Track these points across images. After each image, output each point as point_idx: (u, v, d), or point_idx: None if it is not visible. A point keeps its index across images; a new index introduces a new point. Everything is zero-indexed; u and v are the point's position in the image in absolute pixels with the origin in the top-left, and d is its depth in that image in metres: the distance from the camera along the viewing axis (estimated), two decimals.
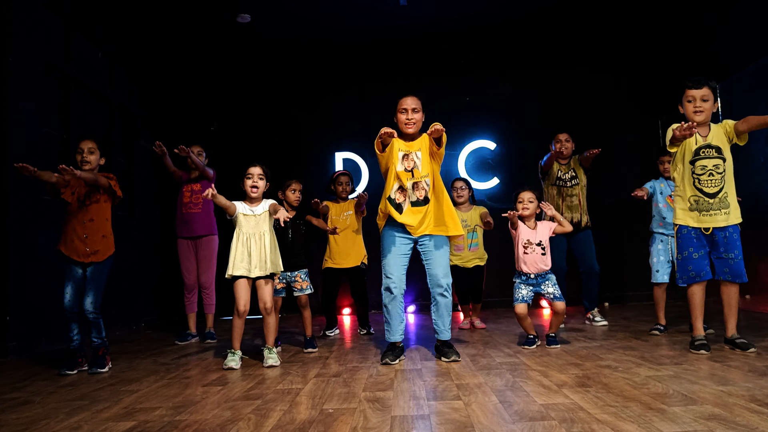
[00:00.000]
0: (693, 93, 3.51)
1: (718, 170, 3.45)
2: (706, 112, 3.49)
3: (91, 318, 3.60)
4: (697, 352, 3.38)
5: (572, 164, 5.06)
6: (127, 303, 6.00)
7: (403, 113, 3.59)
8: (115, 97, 6.10)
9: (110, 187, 3.72)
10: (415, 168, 3.54)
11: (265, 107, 7.59)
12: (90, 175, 3.58)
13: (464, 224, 5.02)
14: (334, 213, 5.05)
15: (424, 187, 3.53)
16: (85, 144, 3.74)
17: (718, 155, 3.47)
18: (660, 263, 4.38)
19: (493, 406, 2.35)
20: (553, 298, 3.85)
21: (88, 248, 3.64)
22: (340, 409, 2.41)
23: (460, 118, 7.36)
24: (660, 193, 4.50)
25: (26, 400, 2.87)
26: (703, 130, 3.53)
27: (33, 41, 4.77)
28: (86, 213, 3.68)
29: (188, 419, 2.36)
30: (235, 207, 3.64)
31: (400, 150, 3.57)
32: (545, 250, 3.88)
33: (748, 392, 2.39)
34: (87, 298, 3.60)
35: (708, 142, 3.49)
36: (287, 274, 4.19)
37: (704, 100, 3.48)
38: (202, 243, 4.96)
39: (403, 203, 3.54)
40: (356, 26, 6.92)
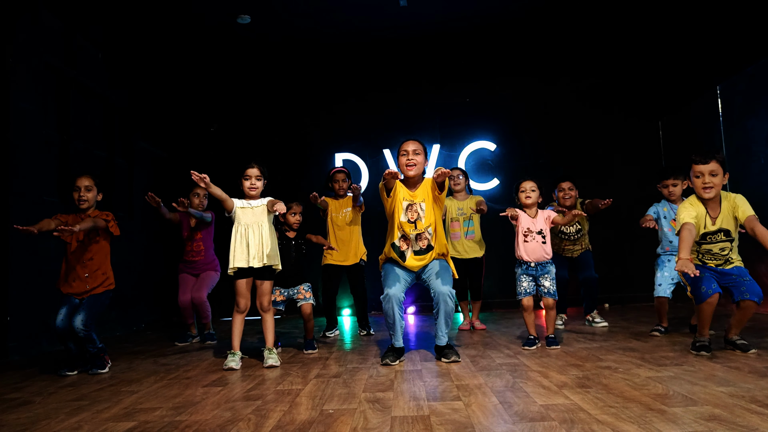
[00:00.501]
0: (701, 168, 3.39)
1: (723, 253, 3.46)
2: (716, 187, 3.37)
3: (81, 335, 3.52)
4: (697, 353, 3.38)
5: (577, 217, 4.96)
6: (127, 304, 6.00)
7: (404, 156, 3.61)
8: (115, 99, 6.11)
9: (107, 228, 3.70)
10: (419, 220, 3.57)
11: (265, 108, 7.60)
12: (88, 223, 3.54)
13: (460, 212, 5.04)
14: (333, 209, 5.06)
15: (427, 237, 3.58)
16: (81, 182, 3.71)
17: (726, 238, 3.44)
18: (663, 278, 4.32)
19: (493, 407, 2.35)
20: (546, 293, 3.88)
21: (88, 286, 3.66)
22: (341, 410, 2.41)
23: (461, 119, 7.37)
24: (664, 217, 4.41)
25: (27, 401, 2.87)
26: (714, 209, 3.44)
27: (33, 43, 4.78)
28: (86, 253, 3.68)
29: (188, 420, 2.36)
30: (232, 202, 3.65)
31: (404, 199, 3.60)
32: (545, 239, 3.91)
33: (748, 393, 2.39)
34: (77, 316, 3.53)
35: (718, 227, 3.43)
36: (289, 291, 4.20)
37: (713, 175, 3.36)
38: (203, 273, 5.00)
39: (406, 251, 3.58)
40: (356, 27, 6.92)
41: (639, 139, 7.18)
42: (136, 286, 6.22)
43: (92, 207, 3.75)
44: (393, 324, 3.52)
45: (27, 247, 4.51)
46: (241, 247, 3.61)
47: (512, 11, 6.70)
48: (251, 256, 3.59)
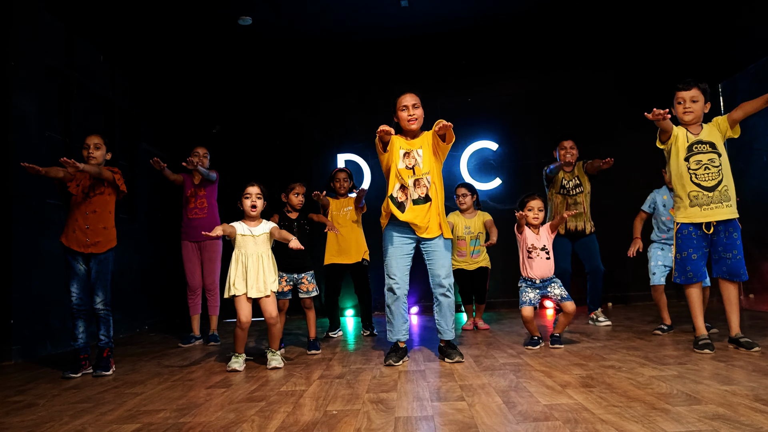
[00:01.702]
0: (683, 95, 3.59)
1: (713, 164, 3.46)
2: (696, 112, 3.55)
3: (102, 315, 3.65)
4: (701, 351, 3.38)
5: (576, 171, 4.99)
6: (130, 306, 6.01)
7: (404, 110, 3.59)
8: (117, 100, 6.12)
9: (114, 180, 3.74)
10: (416, 165, 3.53)
11: (267, 109, 7.60)
12: (94, 168, 3.61)
13: (467, 231, 5.02)
14: (334, 208, 5.07)
15: (426, 184, 3.52)
16: (90, 139, 3.79)
17: (712, 150, 3.49)
18: (657, 267, 4.42)
19: (497, 407, 2.34)
20: (562, 299, 3.83)
21: (88, 239, 3.66)
22: (344, 411, 2.41)
23: (462, 119, 7.34)
24: (663, 205, 4.46)
25: (30, 403, 2.88)
26: (695, 128, 3.58)
27: (35, 45, 4.79)
28: (89, 204, 3.71)
29: (192, 421, 2.37)
30: (235, 230, 3.61)
31: (401, 148, 3.57)
32: (549, 255, 3.89)
33: (752, 392, 2.38)
34: (96, 297, 3.64)
35: (700, 138, 3.52)
36: (294, 276, 4.20)
37: (694, 101, 3.55)
38: (207, 245, 4.98)
39: (405, 201, 3.52)
40: (358, 27, 6.92)
41: (641, 139, 7.15)
42: (139, 288, 6.23)
43: (101, 164, 3.78)
44: (394, 318, 3.52)
45: (30, 249, 4.52)
46: (240, 276, 3.57)
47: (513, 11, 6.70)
48: (249, 285, 3.56)
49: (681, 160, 3.53)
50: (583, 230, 4.95)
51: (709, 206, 3.44)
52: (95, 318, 3.69)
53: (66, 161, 3.36)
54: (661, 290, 4.38)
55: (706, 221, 3.45)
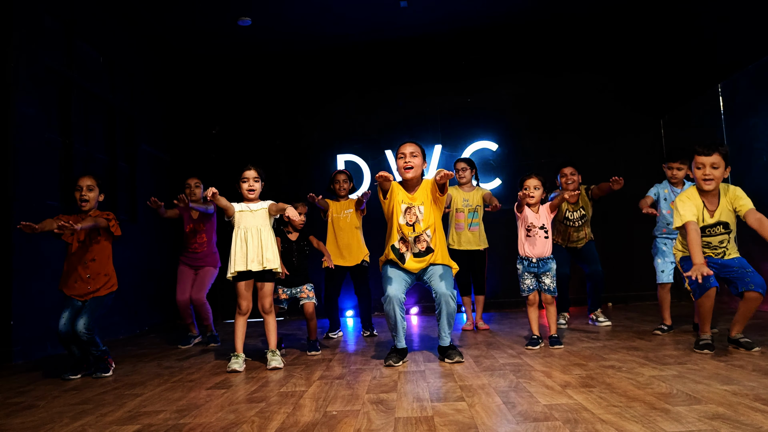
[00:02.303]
0: (703, 160, 3.41)
1: (722, 245, 3.47)
2: (716, 180, 3.40)
3: (84, 339, 3.53)
4: (701, 351, 3.38)
5: (581, 202, 4.91)
6: (129, 307, 6.01)
7: (401, 158, 3.61)
8: (116, 102, 6.12)
9: (109, 227, 3.70)
10: (417, 222, 3.57)
11: (267, 110, 7.61)
12: (89, 222, 3.55)
13: (466, 203, 5.03)
14: (334, 211, 5.05)
15: (426, 239, 3.57)
16: (83, 181, 3.72)
17: (724, 231, 3.45)
18: (665, 264, 4.40)
19: (497, 407, 2.34)
20: (546, 290, 3.90)
21: (90, 287, 3.65)
22: (344, 412, 2.41)
23: (462, 120, 7.37)
24: (664, 199, 4.45)
25: (31, 405, 2.88)
26: (712, 202, 3.46)
27: (35, 47, 4.79)
28: (88, 253, 3.67)
29: (192, 422, 2.37)
30: (233, 208, 3.66)
31: (402, 202, 3.60)
32: (548, 234, 3.93)
33: (752, 391, 2.38)
34: (80, 320, 3.54)
35: (717, 220, 3.44)
36: (292, 290, 4.21)
37: (714, 168, 3.38)
38: (201, 270, 4.98)
39: (405, 253, 3.58)
40: (357, 28, 6.93)
41: (641, 138, 7.16)
42: (138, 289, 6.23)
43: (94, 207, 3.75)
44: (395, 325, 3.52)
45: (30, 251, 4.52)
46: (241, 251, 3.61)
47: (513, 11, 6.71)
48: (249, 259, 3.59)
49: None
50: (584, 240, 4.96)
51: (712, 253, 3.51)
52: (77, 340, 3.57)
53: (64, 226, 3.31)
54: (668, 289, 4.38)
55: None
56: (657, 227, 4.54)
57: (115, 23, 6.15)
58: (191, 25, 6.60)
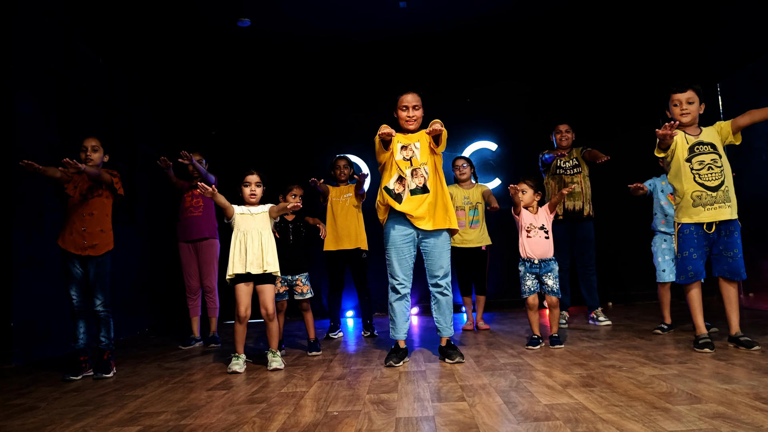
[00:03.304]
0: (678, 96, 3.57)
1: (716, 164, 3.46)
2: (693, 113, 3.54)
3: (102, 316, 3.64)
4: (701, 350, 3.38)
5: (575, 153, 5.05)
6: (130, 308, 6.01)
7: (404, 110, 3.62)
8: (116, 103, 6.12)
9: (112, 183, 3.73)
10: (414, 157, 3.56)
11: (266, 111, 7.61)
12: (94, 170, 3.60)
13: (466, 201, 5.04)
14: (334, 195, 5.09)
15: (423, 174, 3.54)
16: (88, 142, 3.77)
17: (713, 150, 3.48)
18: (666, 262, 4.38)
19: (498, 407, 2.35)
20: (549, 291, 3.89)
21: (86, 241, 3.65)
22: (345, 412, 2.41)
23: (462, 120, 7.36)
24: (661, 191, 4.50)
25: (31, 406, 2.88)
26: (693, 130, 3.57)
27: (34, 48, 4.79)
28: (87, 207, 3.70)
29: (193, 423, 2.37)
30: (233, 209, 3.66)
31: (399, 142, 3.62)
32: (548, 234, 3.92)
33: (752, 390, 2.39)
34: (96, 299, 3.63)
35: (701, 140, 3.52)
36: (288, 278, 4.20)
37: (690, 103, 3.54)
38: (203, 246, 4.96)
39: (402, 192, 3.54)
40: (356, 28, 6.93)
41: (640, 137, 7.15)
42: (138, 290, 6.23)
43: (98, 167, 3.77)
44: (396, 317, 3.53)
45: (30, 252, 4.52)
46: (240, 254, 3.60)
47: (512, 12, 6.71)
48: (249, 261, 3.58)
49: (682, 161, 3.51)
50: (581, 210, 4.94)
51: (712, 206, 3.43)
52: (96, 320, 3.68)
53: (68, 162, 3.36)
54: (668, 287, 4.39)
55: (709, 221, 3.44)
56: (655, 220, 4.54)
57: (114, 25, 6.15)
58: (190, 27, 6.60)
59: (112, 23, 6.13)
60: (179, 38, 6.85)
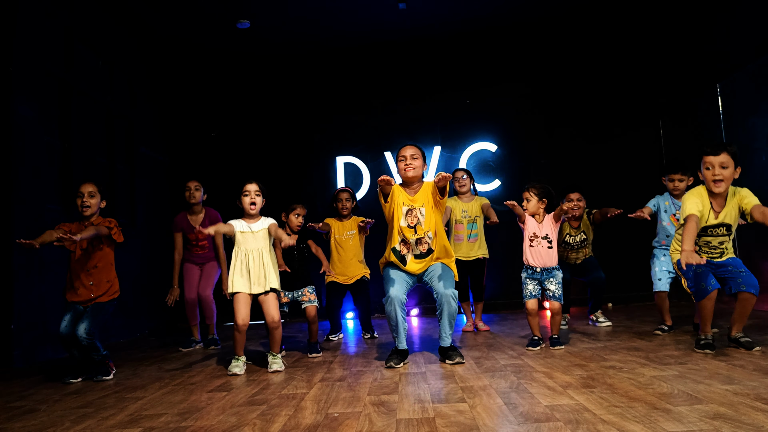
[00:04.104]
0: (711, 160, 3.34)
1: (721, 245, 3.47)
2: (726, 180, 3.33)
3: (84, 344, 3.52)
4: (701, 351, 3.38)
5: (582, 227, 4.88)
6: (130, 311, 6.01)
7: (402, 161, 3.65)
8: (115, 105, 6.13)
9: (110, 235, 3.69)
10: (419, 225, 3.59)
11: (266, 113, 7.61)
12: (90, 232, 3.53)
13: (464, 214, 5.02)
14: (337, 232, 4.98)
15: (427, 241, 3.60)
16: (85, 188, 3.70)
17: (726, 233, 3.45)
18: (661, 273, 4.35)
19: (498, 408, 2.35)
20: (551, 297, 3.88)
21: (92, 294, 3.65)
22: (346, 414, 2.41)
23: (461, 121, 7.37)
24: (664, 211, 4.43)
25: (32, 409, 2.87)
26: (719, 203, 3.41)
27: (34, 51, 4.80)
28: (90, 260, 3.67)
29: (193, 425, 2.37)
30: (233, 228, 3.64)
31: (404, 204, 3.62)
32: (552, 244, 3.90)
33: (753, 391, 2.38)
34: (81, 324, 3.53)
35: (721, 221, 3.43)
36: (294, 293, 4.20)
37: (723, 167, 3.31)
38: (206, 265, 5.05)
39: (406, 255, 3.61)
40: (356, 30, 6.94)
41: (639, 138, 7.17)
42: (139, 293, 6.23)
43: (96, 214, 3.74)
44: (396, 326, 3.53)
45: (30, 255, 4.52)
46: (241, 273, 3.59)
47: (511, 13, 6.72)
48: (252, 282, 3.59)
49: None
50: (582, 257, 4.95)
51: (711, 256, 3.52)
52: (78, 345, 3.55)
53: (63, 237, 3.30)
54: (664, 296, 4.32)
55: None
56: (657, 238, 4.50)
57: (114, 27, 6.16)
58: (190, 28, 6.61)
59: (112, 26, 6.13)
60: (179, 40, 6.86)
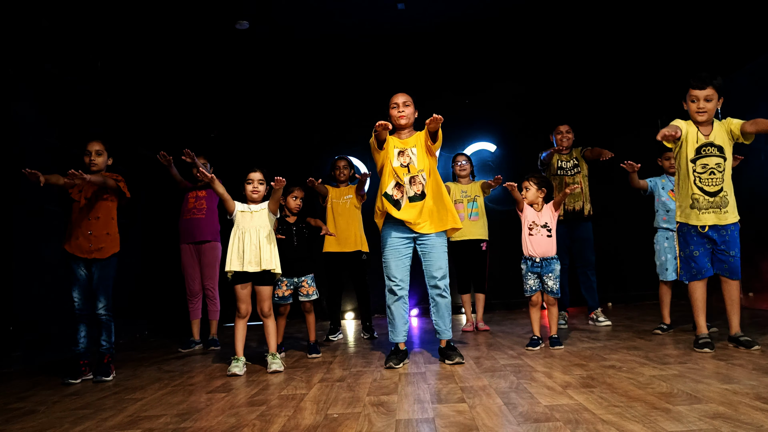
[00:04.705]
0: (696, 93, 3.48)
1: (719, 169, 3.45)
2: (709, 112, 3.46)
3: (104, 320, 3.64)
4: (701, 350, 3.38)
5: (574, 154, 5.05)
6: (130, 311, 6.00)
7: (395, 108, 3.69)
8: (114, 106, 6.12)
9: (119, 187, 3.73)
10: (411, 163, 3.59)
11: (265, 113, 7.61)
12: (99, 178, 3.61)
13: (464, 194, 5.07)
14: (334, 196, 5.05)
15: (421, 181, 3.56)
16: (92, 146, 3.76)
17: (719, 154, 3.47)
18: (669, 261, 4.37)
19: (498, 408, 2.34)
20: (549, 291, 3.89)
21: (92, 245, 3.66)
22: (345, 414, 2.41)
23: (460, 121, 7.37)
24: (662, 188, 4.54)
25: (31, 410, 2.87)
26: (706, 128, 3.52)
27: (33, 51, 4.79)
28: (93, 211, 3.70)
29: (193, 426, 2.37)
30: (234, 204, 3.68)
31: (395, 147, 3.64)
32: (551, 233, 3.91)
33: (752, 390, 2.38)
34: (99, 302, 3.63)
35: (710, 141, 3.48)
36: (294, 280, 4.20)
37: (707, 100, 3.45)
38: (205, 249, 4.95)
39: (400, 199, 3.57)
40: (354, 30, 6.92)
41: (639, 138, 7.16)
42: (138, 293, 6.23)
43: (102, 171, 3.78)
44: (395, 319, 3.53)
45: (31, 255, 4.52)
46: (237, 251, 3.62)
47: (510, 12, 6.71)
48: (246, 260, 3.59)
49: (688, 161, 3.50)
50: (581, 210, 4.95)
51: (707, 210, 3.45)
52: (97, 323, 3.68)
53: (73, 173, 3.34)
54: (669, 287, 4.37)
55: (699, 224, 3.46)
56: (657, 217, 4.54)
57: (112, 27, 6.15)
58: (189, 29, 6.60)
59: (111, 25, 6.12)
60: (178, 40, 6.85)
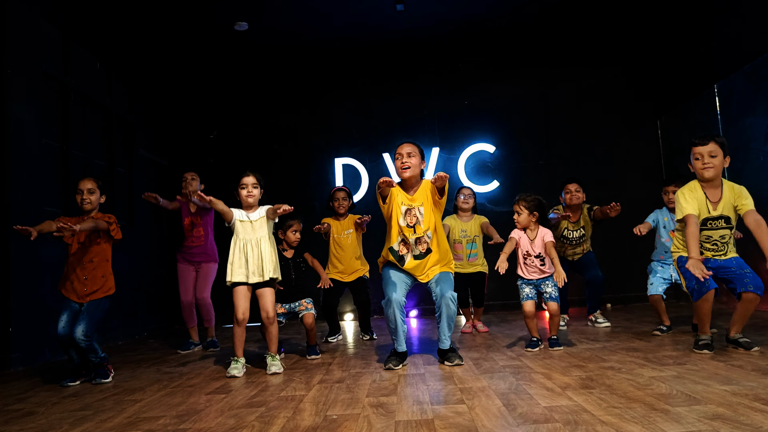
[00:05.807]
0: (700, 150, 3.43)
1: (723, 240, 3.45)
2: (716, 168, 3.40)
3: (83, 345, 3.50)
4: (700, 351, 3.38)
5: (582, 221, 4.92)
6: (128, 312, 6.00)
7: (399, 159, 3.61)
8: (113, 107, 6.12)
9: (109, 231, 3.69)
10: (418, 224, 3.58)
11: (264, 114, 7.62)
12: (89, 224, 3.53)
13: (464, 234, 4.98)
14: (335, 232, 5.00)
15: (426, 240, 3.59)
16: (84, 184, 3.70)
17: (726, 225, 3.44)
18: (656, 279, 4.33)
19: (497, 410, 2.34)
20: (548, 298, 3.91)
21: (86, 288, 3.63)
22: (344, 415, 2.41)
23: (459, 122, 7.38)
24: (663, 226, 4.44)
25: (30, 411, 2.87)
26: (714, 193, 3.45)
27: (32, 52, 4.79)
28: (87, 255, 3.66)
29: (192, 427, 2.36)
30: (232, 213, 3.66)
31: (402, 204, 3.60)
32: (543, 261, 3.94)
33: (752, 391, 2.39)
34: (78, 326, 3.52)
35: (719, 213, 3.43)
36: (290, 305, 4.19)
37: (712, 156, 3.40)
38: (203, 266, 5.00)
39: (405, 255, 3.59)
40: (354, 31, 6.94)
41: (638, 139, 7.18)
42: (137, 294, 6.22)
43: (95, 210, 3.75)
44: (395, 329, 3.52)
45: (28, 257, 4.52)
46: (239, 262, 3.60)
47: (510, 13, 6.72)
48: (250, 271, 3.59)
49: None
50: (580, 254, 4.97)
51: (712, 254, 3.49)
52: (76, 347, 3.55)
53: (63, 227, 3.30)
54: (658, 298, 4.32)
55: None
56: (655, 253, 4.49)
57: (112, 28, 6.16)
58: (188, 30, 6.61)
59: (110, 27, 6.13)
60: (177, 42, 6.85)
